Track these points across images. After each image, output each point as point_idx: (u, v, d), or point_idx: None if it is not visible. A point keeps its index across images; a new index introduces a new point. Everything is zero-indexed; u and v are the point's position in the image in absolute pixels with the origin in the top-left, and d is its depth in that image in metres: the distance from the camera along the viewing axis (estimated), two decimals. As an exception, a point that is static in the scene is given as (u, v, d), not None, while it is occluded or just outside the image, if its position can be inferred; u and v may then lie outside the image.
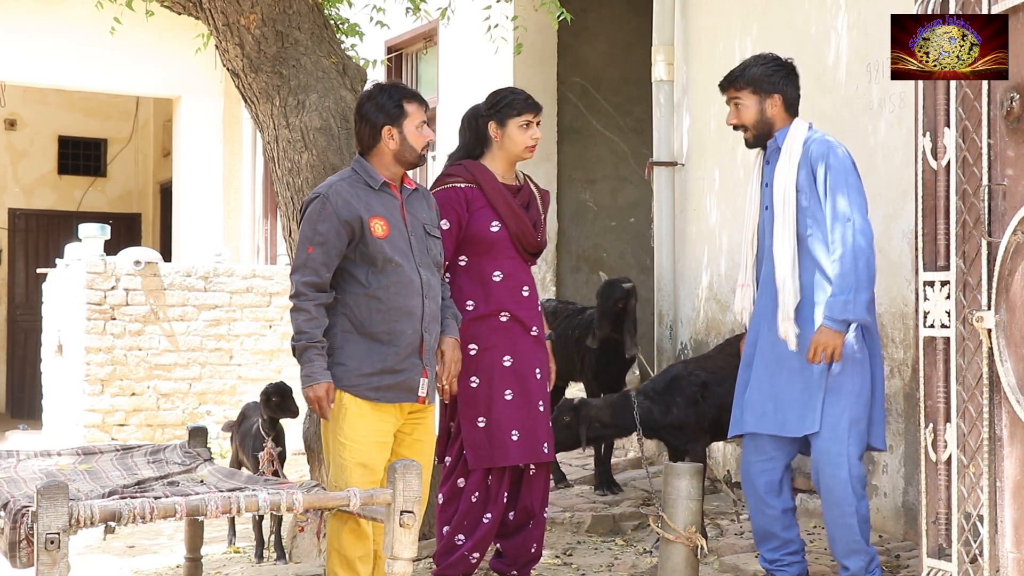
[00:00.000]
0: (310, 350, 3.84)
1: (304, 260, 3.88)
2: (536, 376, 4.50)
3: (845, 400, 4.12)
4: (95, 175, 14.66)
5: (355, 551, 3.91)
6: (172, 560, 6.20)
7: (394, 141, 3.99)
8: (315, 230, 3.88)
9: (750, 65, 4.31)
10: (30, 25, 11.23)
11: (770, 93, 4.25)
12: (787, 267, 4.15)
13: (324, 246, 3.87)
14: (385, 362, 3.91)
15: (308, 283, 3.86)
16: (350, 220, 3.88)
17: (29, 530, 3.10)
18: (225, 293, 10.00)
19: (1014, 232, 3.42)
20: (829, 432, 4.13)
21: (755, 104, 4.27)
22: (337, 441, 3.92)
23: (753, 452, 4.34)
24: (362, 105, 4.03)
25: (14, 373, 13.97)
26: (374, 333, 3.90)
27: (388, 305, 3.91)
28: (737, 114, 4.31)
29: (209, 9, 5.13)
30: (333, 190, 3.93)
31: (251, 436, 6.02)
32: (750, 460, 4.36)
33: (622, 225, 8.90)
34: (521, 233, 4.46)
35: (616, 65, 8.87)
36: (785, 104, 4.27)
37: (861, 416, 4.14)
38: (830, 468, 4.13)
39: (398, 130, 3.98)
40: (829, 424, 4.13)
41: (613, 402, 5.36)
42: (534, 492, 4.54)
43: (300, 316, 3.86)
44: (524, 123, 4.45)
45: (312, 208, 3.92)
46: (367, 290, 3.91)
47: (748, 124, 4.30)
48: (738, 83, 4.29)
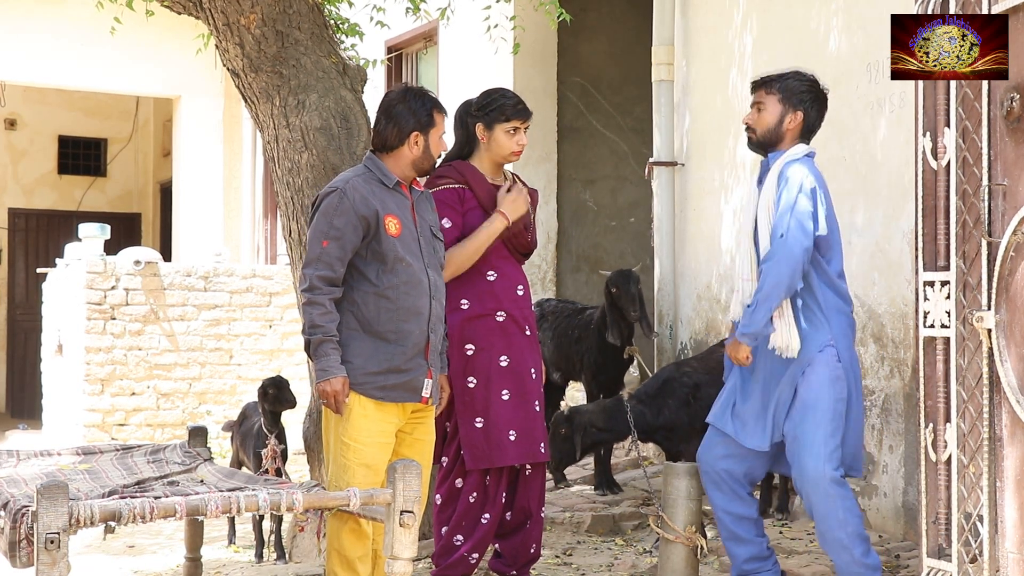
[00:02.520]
0: (325, 344, 3.81)
1: (318, 254, 3.85)
2: (532, 376, 4.50)
3: (821, 416, 4.08)
4: (95, 175, 14.65)
5: (355, 551, 3.91)
6: (172, 560, 6.20)
7: (418, 147, 4.00)
8: (331, 224, 3.86)
9: (788, 76, 4.26)
10: (30, 25, 11.22)
11: (795, 108, 4.21)
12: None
13: (339, 240, 3.85)
14: (391, 361, 3.90)
15: (322, 277, 3.84)
16: (367, 215, 3.87)
17: (29, 530, 3.10)
18: (225, 293, 10.00)
19: (1014, 232, 3.42)
20: (806, 449, 4.09)
21: (777, 113, 4.22)
22: (341, 442, 3.92)
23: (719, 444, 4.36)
24: (393, 105, 4.01)
25: (14, 373, 13.97)
26: (381, 332, 3.90)
27: (397, 304, 3.90)
28: (756, 117, 4.27)
29: (209, 9, 5.13)
30: (350, 185, 3.91)
31: (252, 436, 6.03)
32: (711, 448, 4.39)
33: (622, 225, 8.90)
34: (512, 234, 4.46)
35: (616, 65, 8.87)
36: (804, 125, 4.23)
37: (835, 431, 4.09)
38: (808, 487, 4.10)
39: (424, 138, 4.00)
40: (805, 440, 4.09)
41: (606, 407, 5.37)
42: (531, 492, 4.54)
43: (315, 310, 3.82)
44: (511, 129, 4.43)
45: (328, 202, 3.90)
46: (377, 288, 3.90)
47: (760, 130, 4.26)
48: (771, 86, 4.25)
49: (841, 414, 4.12)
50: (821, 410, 4.09)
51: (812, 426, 4.09)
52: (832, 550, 4.15)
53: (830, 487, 4.06)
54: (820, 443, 4.07)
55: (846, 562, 4.12)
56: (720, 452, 4.32)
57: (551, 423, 5.26)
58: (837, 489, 4.06)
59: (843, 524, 4.07)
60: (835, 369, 4.11)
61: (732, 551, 4.37)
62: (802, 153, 4.20)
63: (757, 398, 4.23)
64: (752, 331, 4.11)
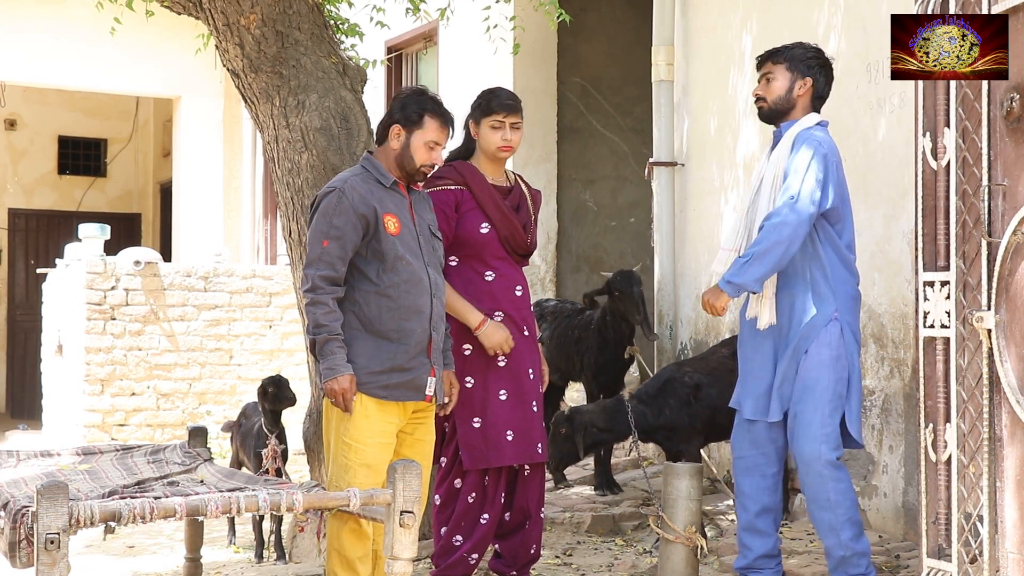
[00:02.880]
0: (331, 342, 3.81)
1: (319, 254, 3.86)
2: (530, 376, 4.49)
3: (820, 397, 4.13)
4: (95, 175, 14.66)
5: (355, 551, 3.91)
6: (172, 560, 6.20)
7: (398, 141, 4.00)
8: (331, 224, 3.86)
9: (794, 47, 4.35)
10: (30, 25, 11.22)
11: (804, 75, 4.29)
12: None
13: (340, 240, 3.86)
14: (394, 360, 3.90)
15: (324, 277, 3.84)
16: (366, 214, 3.88)
17: (29, 530, 3.10)
18: (225, 293, 10.00)
19: (1014, 232, 3.42)
20: (803, 430, 4.15)
21: (787, 81, 4.30)
22: (343, 442, 3.91)
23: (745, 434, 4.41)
24: (394, 99, 4.08)
25: (14, 373, 13.97)
26: (383, 331, 3.90)
27: (399, 303, 3.91)
28: (766, 87, 4.33)
29: (209, 9, 5.13)
30: (348, 184, 3.92)
31: (252, 436, 6.03)
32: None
33: (622, 225, 8.90)
34: (510, 235, 4.46)
35: (616, 65, 8.87)
36: (814, 92, 4.31)
37: (833, 411, 4.15)
38: (802, 466, 4.17)
39: (407, 134, 4.00)
40: (803, 420, 4.15)
41: (606, 407, 5.37)
42: (529, 492, 4.54)
43: (319, 310, 3.83)
44: (495, 123, 4.42)
45: (327, 202, 3.90)
46: (377, 288, 3.90)
47: (771, 98, 4.32)
48: (778, 57, 4.33)
49: (841, 395, 4.17)
50: (820, 390, 4.14)
51: (811, 407, 4.14)
52: (822, 532, 4.21)
53: (824, 468, 4.11)
54: (817, 425, 4.13)
55: (832, 545, 4.16)
56: (748, 437, 4.36)
57: (551, 423, 5.26)
58: (831, 471, 4.12)
59: (833, 506, 4.12)
60: (837, 347, 4.15)
61: (747, 543, 4.39)
62: (815, 122, 4.27)
63: (767, 373, 4.27)
64: (739, 282, 4.12)
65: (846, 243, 4.24)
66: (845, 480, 4.14)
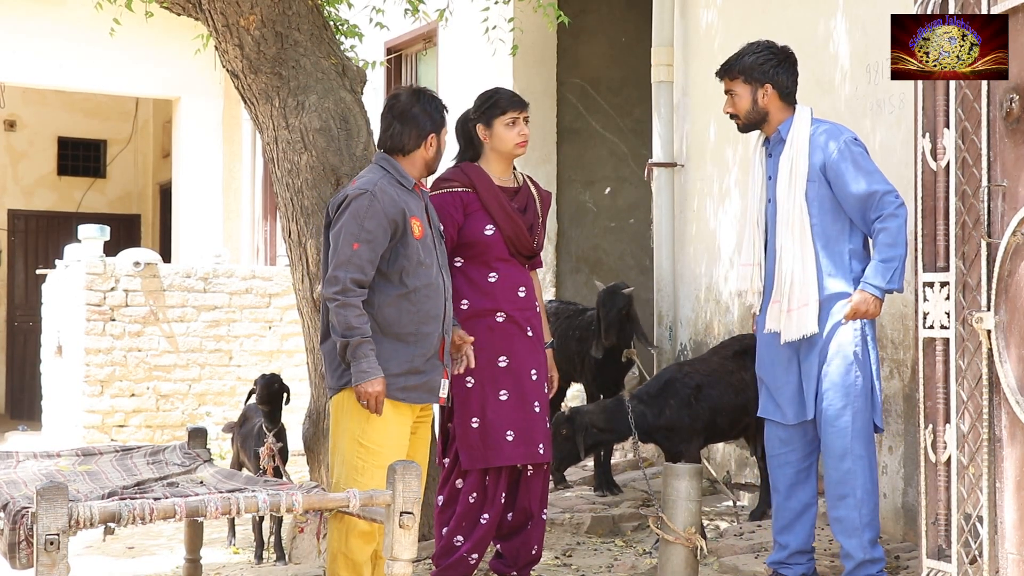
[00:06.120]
0: (364, 345, 3.80)
1: (349, 256, 3.83)
2: (532, 377, 4.49)
3: (851, 394, 4.15)
4: (95, 176, 14.65)
5: (363, 555, 3.91)
6: (172, 561, 6.20)
7: (432, 148, 4.03)
8: (362, 227, 3.83)
9: (744, 54, 4.34)
10: (30, 25, 11.22)
11: (762, 83, 4.29)
12: (796, 261, 4.17)
13: (371, 243, 3.84)
14: (412, 363, 3.91)
15: (355, 280, 3.82)
16: (396, 218, 3.87)
17: (29, 531, 3.10)
18: (225, 294, 9.99)
19: (1013, 233, 3.42)
20: (831, 428, 4.18)
21: (748, 94, 4.31)
22: (359, 444, 3.89)
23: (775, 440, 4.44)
24: (408, 108, 4.01)
25: (14, 374, 13.96)
26: (400, 334, 3.90)
27: (418, 307, 3.91)
28: (732, 103, 4.36)
29: (209, 10, 5.13)
30: (379, 187, 3.89)
31: (252, 437, 6.03)
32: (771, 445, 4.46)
33: (621, 226, 8.90)
34: (515, 236, 4.46)
35: (616, 66, 8.86)
36: (779, 94, 4.30)
37: (863, 408, 4.18)
38: (833, 461, 4.19)
39: (438, 139, 4.03)
40: (829, 418, 4.17)
41: (607, 407, 5.36)
42: (532, 493, 4.54)
43: (350, 312, 3.81)
44: (510, 120, 4.44)
45: (358, 204, 3.86)
46: (400, 291, 3.89)
47: (741, 113, 4.35)
48: (732, 72, 4.34)
49: (868, 387, 4.19)
50: (843, 389, 4.16)
51: (840, 401, 4.16)
52: (844, 533, 4.21)
53: (855, 463, 4.16)
54: (847, 419, 4.16)
55: (854, 547, 4.19)
56: (778, 436, 4.39)
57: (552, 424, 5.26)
58: (862, 467, 4.16)
59: (859, 504, 4.17)
60: (854, 350, 4.15)
61: (782, 542, 4.41)
62: (809, 115, 4.28)
63: (792, 377, 4.29)
64: (895, 288, 4.11)
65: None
66: (874, 480, 4.19)
